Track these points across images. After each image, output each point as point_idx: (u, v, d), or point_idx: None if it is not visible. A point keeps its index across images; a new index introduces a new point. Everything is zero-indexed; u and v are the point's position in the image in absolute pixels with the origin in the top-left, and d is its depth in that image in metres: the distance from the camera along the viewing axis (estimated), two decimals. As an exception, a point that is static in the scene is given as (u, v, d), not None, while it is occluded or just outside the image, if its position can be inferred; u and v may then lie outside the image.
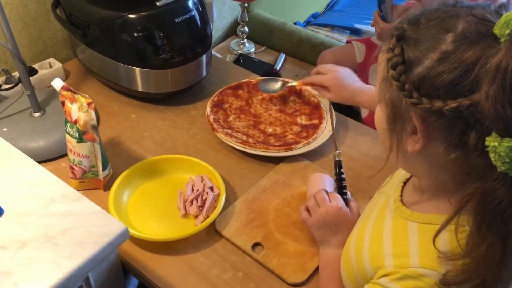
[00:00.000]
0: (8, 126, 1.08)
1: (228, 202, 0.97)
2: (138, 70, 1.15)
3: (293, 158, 1.09)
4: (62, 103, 0.92)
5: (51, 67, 1.29)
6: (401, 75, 0.55)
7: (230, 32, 1.98)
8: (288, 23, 1.97)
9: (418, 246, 0.60)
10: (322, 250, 0.86)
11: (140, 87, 1.19)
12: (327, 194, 0.88)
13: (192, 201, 0.95)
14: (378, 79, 0.60)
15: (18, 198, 0.77)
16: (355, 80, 1.13)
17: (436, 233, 0.57)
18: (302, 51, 1.89)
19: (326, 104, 1.20)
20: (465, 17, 0.53)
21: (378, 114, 0.64)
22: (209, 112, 1.17)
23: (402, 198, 0.69)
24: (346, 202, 0.88)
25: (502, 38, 0.49)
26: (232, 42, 1.88)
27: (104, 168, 0.97)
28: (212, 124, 1.14)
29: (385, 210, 0.71)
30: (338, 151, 0.95)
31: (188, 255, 0.89)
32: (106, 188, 0.99)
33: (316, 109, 1.21)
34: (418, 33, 0.55)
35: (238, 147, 1.09)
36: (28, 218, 0.74)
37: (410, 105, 0.54)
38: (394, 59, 0.55)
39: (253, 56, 1.84)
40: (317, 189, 0.90)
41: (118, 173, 0.99)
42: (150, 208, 0.96)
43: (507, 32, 0.48)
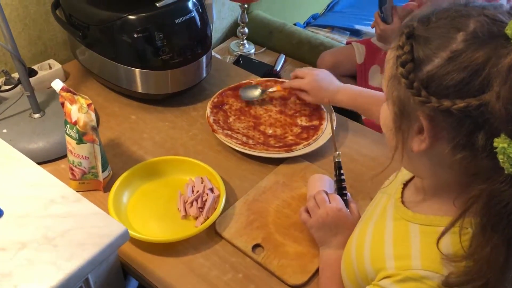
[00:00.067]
0: (7, 127, 1.08)
1: (228, 203, 0.97)
2: (138, 71, 1.15)
3: (293, 159, 1.09)
4: (62, 104, 0.91)
5: (51, 68, 1.29)
6: (410, 73, 0.54)
7: (230, 33, 1.98)
8: (288, 24, 1.97)
9: (420, 248, 0.60)
10: (322, 251, 0.85)
11: (140, 88, 1.19)
12: (327, 195, 0.88)
13: (192, 202, 0.95)
14: (385, 77, 0.60)
15: (17, 200, 0.77)
16: (332, 81, 1.16)
17: (440, 235, 0.56)
18: (302, 52, 1.89)
19: (326, 105, 1.20)
20: (476, 16, 0.52)
21: (384, 112, 0.63)
22: (209, 113, 1.17)
23: (403, 200, 0.69)
24: (346, 203, 0.88)
25: None
26: (232, 43, 1.88)
27: (104, 169, 0.97)
28: (212, 125, 1.14)
29: (386, 211, 0.71)
30: (337, 152, 0.95)
31: (188, 257, 0.89)
32: (106, 189, 0.99)
33: (316, 110, 1.21)
34: (428, 31, 0.54)
35: (238, 148, 1.09)
36: (27, 219, 0.74)
37: (418, 103, 0.54)
38: (404, 57, 0.55)
39: (253, 57, 1.84)
40: (317, 190, 0.90)
41: (118, 174, 0.99)
42: (150, 209, 0.96)
43: None
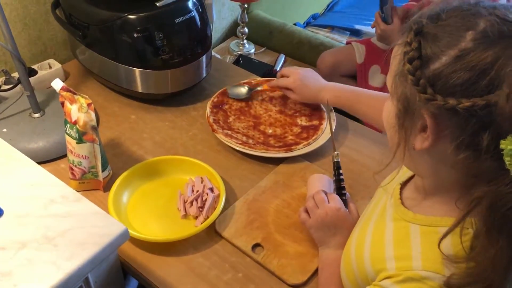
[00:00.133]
0: (7, 127, 1.08)
1: (228, 203, 0.97)
2: (138, 71, 1.15)
3: (293, 159, 1.09)
4: (62, 104, 0.91)
5: (51, 68, 1.29)
6: (416, 70, 0.54)
7: (230, 33, 1.98)
8: (288, 24, 1.97)
9: (421, 248, 0.60)
10: (321, 251, 0.85)
11: (140, 88, 1.19)
12: (326, 195, 0.88)
13: (192, 202, 0.95)
14: (391, 73, 0.60)
15: (17, 199, 0.77)
16: (317, 79, 1.17)
17: (442, 236, 0.56)
18: (302, 52, 1.89)
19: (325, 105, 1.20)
20: (487, 16, 0.52)
21: (388, 109, 0.63)
22: (209, 113, 1.17)
23: (402, 200, 0.69)
24: (345, 203, 0.88)
25: None
26: (232, 43, 1.89)
27: (103, 169, 0.97)
28: (212, 125, 1.14)
29: (386, 211, 0.71)
30: (336, 152, 0.95)
31: (188, 256, 0.89)
32: (106, 189, 0.99)
33: (316, 110, 1.21)
34: (437, 28, 0.54)
35: (238, 148, 1.09)
36: (27, 219, 0.74)
37: (423, 101, 0.53)
38: (411, 54, 0.54)
39: (253, 57, 1.84)
40: (316, 190, 0.90)
41: (118, 174, 0.99)
42: (150, 209, 0.96)
43: None
